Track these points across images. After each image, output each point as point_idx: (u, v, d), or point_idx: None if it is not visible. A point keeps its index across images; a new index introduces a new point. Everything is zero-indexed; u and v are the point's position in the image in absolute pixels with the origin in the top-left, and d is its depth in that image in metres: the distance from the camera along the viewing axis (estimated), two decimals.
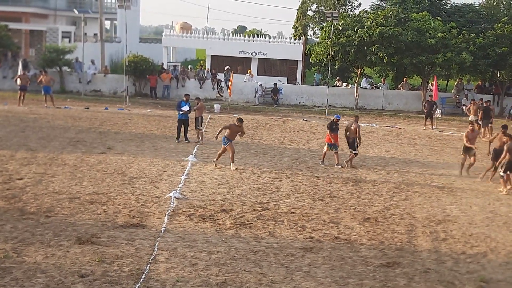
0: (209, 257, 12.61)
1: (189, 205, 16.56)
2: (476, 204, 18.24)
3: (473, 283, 11.99)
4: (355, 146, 23.20)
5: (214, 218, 15.45)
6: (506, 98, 44.77)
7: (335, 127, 23.14)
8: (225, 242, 13.63)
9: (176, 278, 11.36)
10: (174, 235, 13.95)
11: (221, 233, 14.32)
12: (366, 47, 42.17)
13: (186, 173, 20.48)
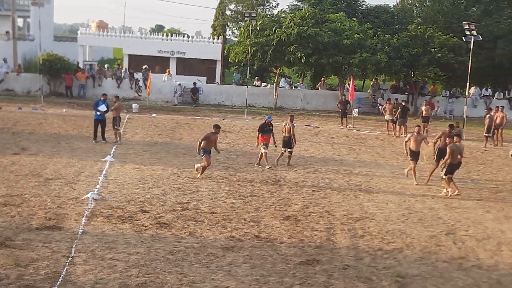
0: (128, 258, 12.41)
1: (108, 206, 16.26)
2: (392, 202, 18.63)
3: (389, 279, 12.20)
4: (291, 144, 23.42)
5: (134, 219, 15.23)
6: (420, 97, 45.97)
7: (267, 128, 23.06)
8: (145, 243, 13.45)
9: (94, 280, 11.12)
10: (92, 237, 13.67)
11: (141, 234, 14.12)
12: (284, 47, 42.50)
13: (104, 173, 20.12)
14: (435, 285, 12.01)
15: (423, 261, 13.48)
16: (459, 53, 43.68)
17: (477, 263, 13.47)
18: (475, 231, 15.87)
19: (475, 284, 12.15)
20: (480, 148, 30.64)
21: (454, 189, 19.56)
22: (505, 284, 12.20)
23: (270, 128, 23.13)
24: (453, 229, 15.97)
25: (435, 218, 16.95)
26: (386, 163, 25.09)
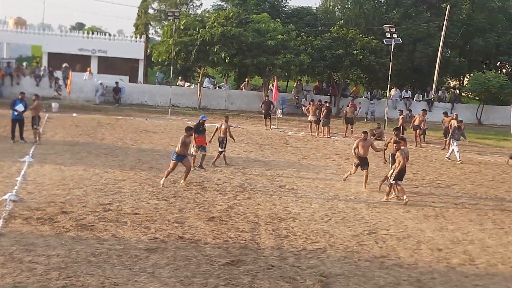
0: (48, 261, 12.06)
1: (26, 207, 15.79)
2: (316, 202, 18.77)
3: (313, 278, 12.25)
4: (223, 145, 23.60)
5: (54, 221, 14.82)
6: (342, 99, 46.64)
7: (202, 128, 22.77)
8: (66, 245, 13.10)
9: (12, 284, 10.75)
10: (10, 239, 13.23)
11: (61, 236, 13.76)
12: (208, 47, 42.39)
13: (23, 174, 19.54)
14: (357, 283, 12.13)
15: (346, 260, 13.61)
16: (380, 55, 44.57)
17: (397, 262, 13.69)
18: (395, 230, 16.15)
19: (396, 283, 12.33)
20: None
21: (402, 194, 19.27)
22: (425, 282, 12.43)
23: (204, 128, 22.95)
24: (374, 229, 16.21)
25: (358, 218, 17.17)
26: (310, 164, 25.32)
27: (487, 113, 47.35)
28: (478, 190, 21.78)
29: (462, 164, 27.52)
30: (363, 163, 21.05)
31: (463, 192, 21.41)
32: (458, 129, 28.47)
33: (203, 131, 22.82)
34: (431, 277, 12.79)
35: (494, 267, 13.77)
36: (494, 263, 13.99)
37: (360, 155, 21.01)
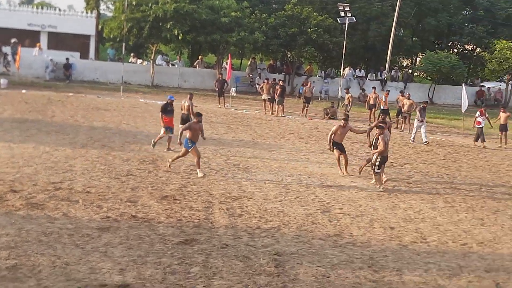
0: None
1: None
2: (270, 180, 18.74)
3: (267, 257, 12.23)
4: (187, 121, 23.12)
5: (3, 199, 14.48)
6: (296, 77, 46.65)
7: (170, 109, 22.27)
8: (15, 224, 12.81)
9: None
10: None
11: (11, 215, 13.45)
12: (161, 23, 41.84)
13: None
14: (311, 262, 12.15)
15: (300, 239, 13.62)
16: (334, 34, 44.64)
17: (351, 240, 13.77)
18: (349, 209, 16.23)
19: (349, 261, 12.39)
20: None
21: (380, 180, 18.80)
22: (377, 260, 12.52)
23: (172, 109, 22.43)
24: (328, 207, 16.26)
25: (311, 197, 17.21)
26: (264, 143, 25.28)
27: (439, 93, 47.94)
28: (429, 169, 22.05)
29: (414, 143, 27.83)
30: (339, 148, 20.32)
31: (415, 171, 21.64)
32: (423, 110, 28.24)
33: (171, 111, 22.38)
34: (383, 255, 12.89)
35: (445, 244, 13.95)
36: (445, 241, 14.17)
37: (336, 141, 20.26)
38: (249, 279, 11.05)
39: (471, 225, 15.51)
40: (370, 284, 11.29)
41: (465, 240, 14.34)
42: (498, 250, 13.80)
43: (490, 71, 46.85)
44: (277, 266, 11.77)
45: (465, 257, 13.17)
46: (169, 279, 10.73)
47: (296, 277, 11.34)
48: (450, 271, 12.20)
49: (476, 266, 12.59)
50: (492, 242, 14.32)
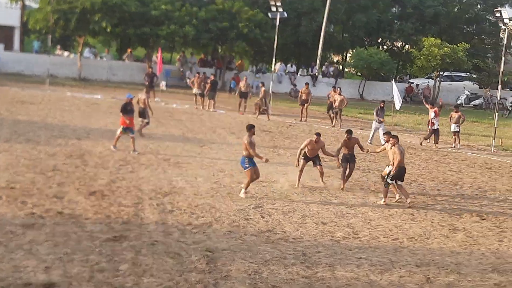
0: None
1: None
2: (201, 176, 18.51)
3: (199, 253, 12.04)
4: (145, 115, 23.44)
5: None
6: (228, 72, 46.42)
7: (129, 108, 21.19)
8: None
9: None
10: None
11: None
12: (89, 15, 40.92)
13: None
14: (243, 258, 12.01)
15: (232, 235, 13.47)
16: (265, 29, 44.56)
17: (283, 236, 13.68)
18: (281, 205, 16.15)
19: (282, 257, 12.30)
20: (286, 123, 31.41)
21: (398, 194, 17.48)
22: (310, 255, 12.47)
23: (133, 108, 21.41)
24: (260, 203, 16.15)
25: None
26: (195, 137, 24.97)
27: (369, 89, 48.49)
28: (361, 164, 22.14)
29: (371, 145, 27.81)
30: (313, 160, 18.66)
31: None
32: (381, 110, 27.53)
33: (132, 111, 21.33)
34: (316, 251, 12.85)
35: (376, 239, 14.01)
36: (376, 236, 14.24)
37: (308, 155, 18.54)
38: (180, 276, 10.85)
39: (402, 220, 15.64)
40: (303, 280, 11.21)
41: (396, 235, 14.44)
42: (428, 244, 13.93)
43: (419, 68, 47.64)
44: (208, 263, 11.61)
45: (396, 252, 13.24)
46: (97, 277, 10.43)
47: (228, 273, 11.19)
48: (382, 266, 12.23)
49: (407, 261, 12.66)
50: (422, 237, 14.45)
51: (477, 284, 11.66)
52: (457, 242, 14.24)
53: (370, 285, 11.23)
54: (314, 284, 11.04)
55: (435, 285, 11.46)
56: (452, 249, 13.74)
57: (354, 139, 18.94)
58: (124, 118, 21.02)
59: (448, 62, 45.34)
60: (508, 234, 15.04)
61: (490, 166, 23.90)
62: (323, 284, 11.08)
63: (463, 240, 14.37)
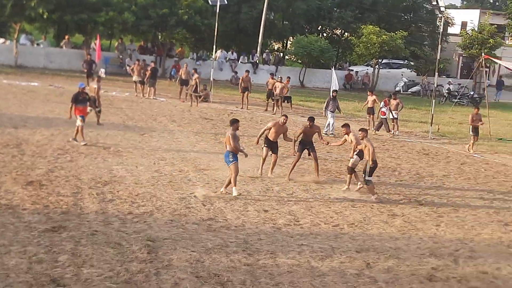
0: None
1: None
2: (142, 164, 18.34)
3: (140, 243, 11.95)
4: (95, 104, 22.84)
5: None
6: (168, 59, 46.03)
7: (82, 98, 20.41)
8: None
9: None
10: None
11: None
12: (24, 1, 39.92)
13: None
14: (185, 247, 11.96)
15: (173, 223, 13.41)
16: (205, 16, 44.28)
17: (225, 224, 13.68)
18: (223, 193, 16.10)
19: (224, 245, 12.30)
20: (227, 111, 31.33)
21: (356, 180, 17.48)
22: (252, 243, 12.50)
23: (85, 98, 20.63)
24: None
25: (185, 180, 16.98)
26: (135, 125, 24.70)
27: (309, 76, 48.78)
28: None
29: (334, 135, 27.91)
30: (273, 147, 18.44)
31: (288, 153, 21.79)
32: (333, 100, 27.13)
33: (84, 100, 20.55)
34: (257, 238, 12.89)
35: (317, 226, 14.13)
36: (317, 223, 14.35)
37: (269, 138, 18.37)
38: (120, 266, 10.74)
39: (342, 207, 15.80)
40: (245, 268, 11.22)
41: (337, 221, 14.59)
42: (368, 230, 14.13)
43: (358, 55, 48.17)
44: (150, 252, 11.53)
45: (337, 238, 13.38)
46: (35, 269, 10.25)
47: (170, 262, 11.14)
48: (323, 252, 12.34)
49: (348, 247, 12.80)
50: (362, 223, 14.64)
51: (415, 269, 11.88)
52: (396, 227, 14.48)
53: (311, 271, 11.32)
54: (256, 272, 11.07)
55: (374, 270, 11.63)
56: (391, 234, 13.97)
57: (315, 127, 18.56)
58: (77, 108, 20.23)
59: (387, 49, 45.96)
60: (445, 219, 15.37)
61: (428, 152, 24.35)
62: (265, 272, 11.12)
63: (401, 226, 14.62)
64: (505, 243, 13.91)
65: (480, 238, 14.16)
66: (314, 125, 18.44)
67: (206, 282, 10.46)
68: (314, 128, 18.43)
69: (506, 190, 18.92)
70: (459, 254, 12.92)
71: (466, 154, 24.55)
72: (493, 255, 13.05)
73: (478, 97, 43.54)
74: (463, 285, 11.25)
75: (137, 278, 10.36)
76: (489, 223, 15.37)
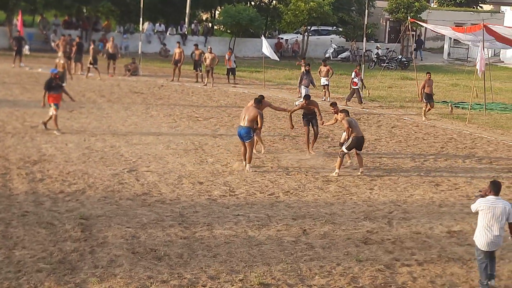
0: None
1: None
2: (72, 142, 17.96)
3: (73, 221, 11.77)
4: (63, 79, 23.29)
5: None
6: (94, 33, 45.05)
7: (55, 84, 18.99)
8: None
9: None
10: None
11: None
12: None
13: None
14: (119, 223, 11.83)
15: (107, 200, 13.22)
16: None
17: (160, 198, 13.56)
18: (156, 167, 15.95)
19: (159, 219, 12.20)
20: (158, 84, 30.92)
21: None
22: (188, 216, 12.45)
23: (58, 84, 19.22)
24: (135, 166, 15.89)
25: (117, 156, 16.72)
26: (63, 102, 23.70)
27: (240, 46, 48.45)
28: (234, 121, 22.20)
29: (218, 97, 27.86)
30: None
31: (221, 124, 21.72)
32: (306, 74, 26.29)
33: (58, 87, 19.10)
34: (193, 211, 12.82)
35: (253, 196, 14.13)
36: (253, 192, 14.35)
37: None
38: (54, 246, 10.56)
39: (277, 175, 15.82)
40: (182, 241, 11.15)
41: (272, 190, 14.61)
42: (304, 197, 14.20)
43: (287, 23, 48.09)
44: (83, 231, 11.38)
45: (273, 207, 13.41)
46: None
47: (105, 240, 11.00)
48: (259, 221, 12.36)
49: (284, 215, 12.85)
50: (297, 190, 14.70)
51: (351, 233, 12.01)
52: (331, 193, 14.60)
53: (249, 241, 11.32)
54: (193, 244, 11.00)
55: (311, 236, 11.71)
56: (326, 200, 14.08)
57: (313, 103, 18.19)
58: (50, 96, 18.81)
59: (315, 16, 45.98)
60: (378, 182, 15.57)
61: (359, 117, 24.57)
62: (202, 244, 11.07)
63: (336, 191, 14.74)
64: (437, 203, 14.19)
65: (412, 200, 14.42)
66: (311, 101, 18.25)
67: (143, 257, 10.34)
68: (312, 104, 18.16)
69: (436, 151, 19.29)
70: (392, 216, 13.13)
71: (396, 117, 24.86)
72: (426, 215, 13.31)
73: (406, 60, 44.15)
74: (398, 246, 11.44)
75: (72, 258, 10.18)
76: (421, 184, 15.66)
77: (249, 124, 15.85)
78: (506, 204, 9.60)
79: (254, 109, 16.08)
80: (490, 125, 23.61)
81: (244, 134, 15.90)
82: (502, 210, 9.47)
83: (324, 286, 9.73)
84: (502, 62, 47.62)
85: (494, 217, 9.48)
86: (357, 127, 16.43)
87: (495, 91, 30.94)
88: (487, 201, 9.57)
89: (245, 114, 16.03)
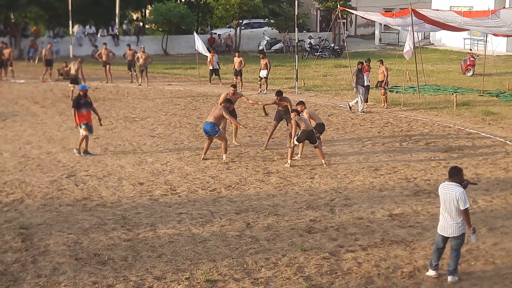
0: None
1: None
2: (7, 150, 17.62)
3: (12, 232, 11.61)
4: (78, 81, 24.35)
5: None
6: (24, 39, 44.13)
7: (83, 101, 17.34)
8: None
9: None
10: None
11: None
12: None
13: None
14: (60, 230, 11.70)
15: (46, 208, 13.04)
16: None
17: (100, 202, 13.44)
18: (95, 170, 15.77)
19: (101, 223, 12.11)
20: (92, 86, 30.41)
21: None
22: (130, 218, 12.38)
23: (87, 101, 17.49)
24: (73, 171, 15.69)
25: (54, 162, 16.47)
26: None
27: (172, 43, 48.21)
28: (172, 120, 22.11)
29: (154, 96, 27.65)
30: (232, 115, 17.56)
31: (158, 124, 21.57)
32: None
33: (87, 104, 17.42)
34: (135, 212, 12.75)
35: (194, 193, 14.12)
36: (195, 189, 14.34)
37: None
38: None
39: (218, 171, 15.82)
40: (125, 243, 11.08)
41: (214, 185, 14.62)
42: (246, 191, 14.25)
43: (218, 18, 48.05)
44: (24, 240, 11.23)
45: (215, 202, 13.42)
46: None
47: (47, 248, 10.87)
48: (203, 218, 12.37)
49: (227, 210, 12.88)
50: (239, 184, 14.74)
51: (294, 223, 12.11)
52: (272, 184, 14.68)
53: (193, 238, 11.31)
54: (137, 246, 10.94)
55: (255, 230, 11.77)
56: (268, 192, 14.16)
57: (285, 99, 18.09)
58: (79, 114, 17.22)
59: (246, 9, 46.05)
60: (318, 171, 15.72)
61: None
62: (146, 245, 11.02)
63: (277, 182, 14.84)
64: (377, 188, 14.43)
65: (353, 186, 14.62)
66: (283, 97, 18.17)
67: (87, 263, 10.24)
68: (284, 101, 18.06)
69: (373, 136, 19.58)
70: (334, 204, 13.30)
71: (333, 105, 25.10)
72: (367, 200, 13.53)
73: (339, 48, 44.62)
74: (341, 233, 11.60)
75: (13, 268, 10.03)
76: (360, 170, 15.88)
77: (214, 120, 16.32)
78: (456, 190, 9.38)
79: (221, 107, 16.56)
80: (425, 107, 24.06)
81: (209, 129, 16.36)
82: (449, 196, 9.41)
83: (270, 278, 9.80)
84: (433, 44, 48.57)
85: (442, 201, 9.55)
86: (306, 121, 16.24)
87: (427, 74, 31.58)
88: (441, 186, 9.66)
89: (212, 111, 16.74)
